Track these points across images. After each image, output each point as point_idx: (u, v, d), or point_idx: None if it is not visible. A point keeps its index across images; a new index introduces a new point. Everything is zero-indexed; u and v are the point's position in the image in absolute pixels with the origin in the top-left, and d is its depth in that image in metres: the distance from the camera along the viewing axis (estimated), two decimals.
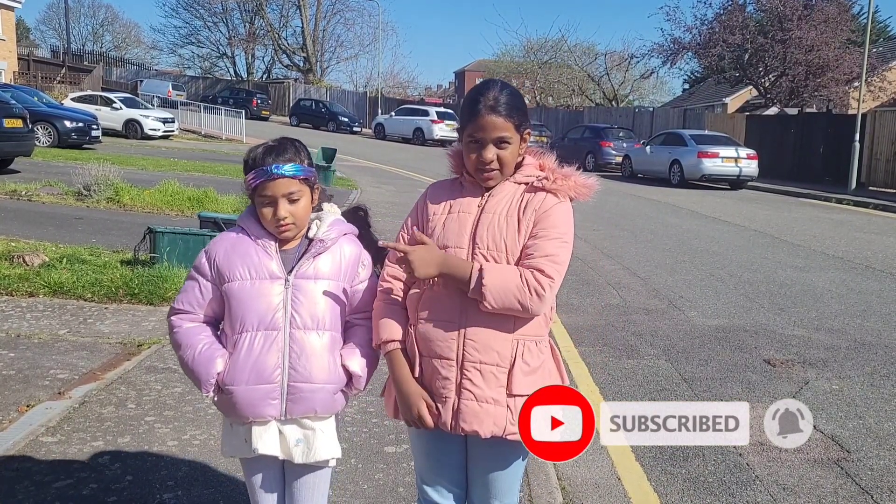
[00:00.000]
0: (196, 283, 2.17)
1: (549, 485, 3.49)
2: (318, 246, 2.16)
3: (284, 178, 2.08)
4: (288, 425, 2.16)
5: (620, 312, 6.93)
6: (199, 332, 2.16)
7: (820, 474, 3.81)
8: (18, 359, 4.70)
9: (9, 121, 13.58)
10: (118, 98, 27.24)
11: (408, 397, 2.07)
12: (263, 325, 2.10)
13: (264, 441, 2.14)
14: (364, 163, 23.28)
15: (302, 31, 53.83)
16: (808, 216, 15.43)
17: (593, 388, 4.94)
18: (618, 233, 11.86)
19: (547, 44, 49.50)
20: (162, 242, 6.81)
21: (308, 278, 2.14)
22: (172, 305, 2.21)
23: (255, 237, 2.15)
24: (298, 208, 2.12)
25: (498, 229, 2.04)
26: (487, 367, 2.02)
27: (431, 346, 2.05)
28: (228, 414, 2.18)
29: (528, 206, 2.06)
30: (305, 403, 2.13)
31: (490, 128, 2.01)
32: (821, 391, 5.03)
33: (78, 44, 58.94)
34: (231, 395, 2.11)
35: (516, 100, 2.06)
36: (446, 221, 2.09)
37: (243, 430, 2.17)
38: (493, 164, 2.04)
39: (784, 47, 27.02)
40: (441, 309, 2.04)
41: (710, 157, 20.55)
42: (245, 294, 2.11)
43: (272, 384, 2.10)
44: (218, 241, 2.19)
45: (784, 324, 6.74)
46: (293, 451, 2.16)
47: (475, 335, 2.02)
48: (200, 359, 2.12)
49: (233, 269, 2.12)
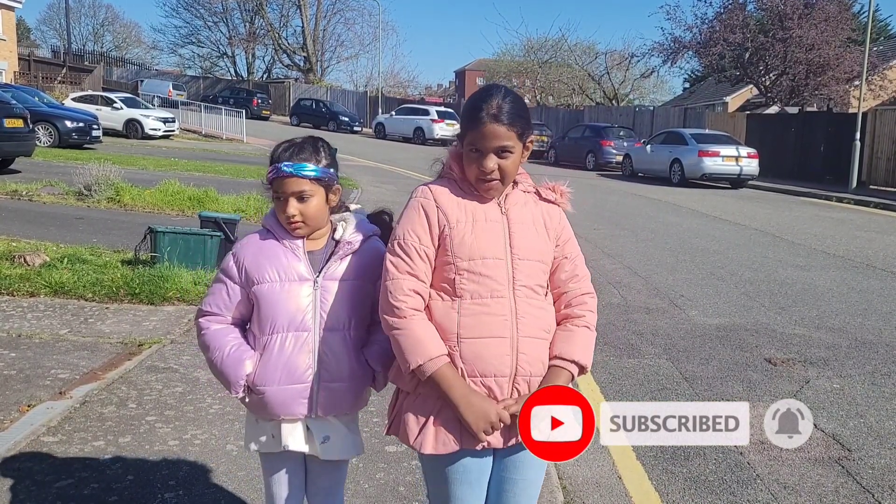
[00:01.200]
0: (224, 285, 2.19)
1: (549, 484, 3.49)
2: (346, 247, 2.19)
3: (294, 177, 2.10)
4: (315, 422, 2.19)
5: (621, 311, 6.93)
6: (227, 334, 2.19)
7: (821, 473, 3.81)
8: (20, 358, 4.70)
9: (9, 121, 13.59)
10: (119, 98, 27.25)
11: (481, 405, 1.94)
12: (294, 327, 2.13)
13: (294, 437, 2.18)
14: (365, 162, 23.28)
15: (302, 31, 53.87)
16: (808, 215, 15.42)
17: (594, 387, 4.94)
18: (618, 232, 11.86)
19: (547, 43, 49.53)
20: (162, 242, 6.82)
21: (336, 279, 2.16)
22: (200, 308, 2.24)
23: (281, 238, 2.17)
24: (308, 208, 2.12)
25: (532, 239, 2.05)
26: (535, 379, 2.01)
27: (485, 365, 1.96)
28: (258, 413, 2.20)
29: (552, 219, 2.11)
30: (334, 402, 2.17)
31: (492, 137, 1.95)
32: (822, 390, 5.03)
33: (78, 44, 59.09)
34: (263, 396, 2.14)
35: (519, 107, 2.00)
36: (475, 229, 2.00)
37: (270, 426, 2.20)
38: (493, 175, 1.98)
39: (785, 46, 27.04)
40: (494, 324, 1.97)
41: (710, 155, 20.54)
42: (275, 296, 2.13)
43: (304, 384, 2.14)
44: (245, 245, 2.21)
45: (785, 323, 6.73)
46: (319, 448, 2.21)
47: (527, 348, 2.00)
48: (229, 360, 2.15)
49: (262, 272, 2.14)
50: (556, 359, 2.03)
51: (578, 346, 2.05)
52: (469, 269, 1.98)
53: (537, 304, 2.04)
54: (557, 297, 2.11)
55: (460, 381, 1.95)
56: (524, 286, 2.01)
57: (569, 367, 2.03)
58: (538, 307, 2.04)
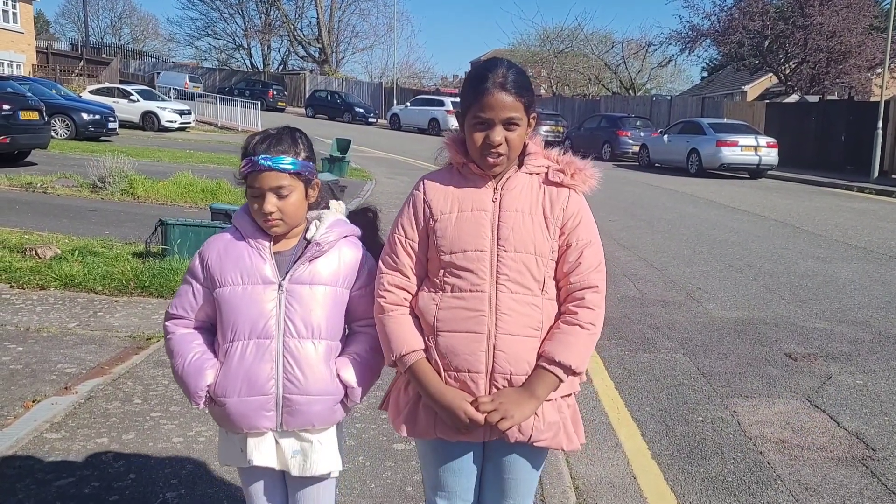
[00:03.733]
0: (190, 286, 2.06)
1: (562, 484, 3.39)
2: (315, 249, 2.02)
3: (273, 171, 1.95)
4: (285, 437, 2.06)
5: (637, 304, 6.80)
6: (191, 340, 2.06)
7: (844, 474, 3.68)
8: (27, 353, 4.66)
9: (25, 113, 13.63)
10: (135, 90, 27.37)
11: (450, 403, 1.89)
12: (256, 334, 1.98)
13: (260, 452, 2.04)
14: (379, 153, 23.20)
15: (317, 22, 53.81)
16: (829, 205, 15.15)
17: (608, 382, 4.82)
18: (634, 223, 11.69)
19: (563, 32, 49.08)
20: (173, 235, 6.77)
21: (303, 283, 2.00)
22: (167, 310, 2.11)
23: (248, 237, 2.02)
24: (287, 204, 1.97)
25: (524, 229, 1.90)
26: (518, 378, 1.91)
27: (458, 360, 1.90)
28: (223, 425, 2.08)
29: (554, 204, 1.94)
30: (302, 416, 2.02)
31: (499, 107, 1.84)
32: (844, 386, 4.88)
33: (96, 36, 59.34)
34: (224, 407, 2.00)
35: (525, 79, 1.91)
36: (458, 221, 1.91)
37: (238, 439, 2.07)
38: (501, 148, 1.86)
39: (805, 33, 26.59)
40: (467, 319, 1.89)
41: (728, 145, 20.23)
42: (237, 300, 1.99)
43: (266, 395, 1.99)
44: (211, 243, 2.07)
45: (805, 316, 6.57)
46: (290, 463, 2.05)
47: (505, 346, 1.89)
48: (190, 369, 2.02)
49: (224, 274, 2.00)
50: (540, 359, 1.91)
51: (565, 346, 1.89)
52: (451, 263, 1.91)
53: (526, 299, 1.91)
54: (561, 290, 1.97)
55: (433, 376, 1.92)
56: (510, 280, 1.89)
57: (552, 370, 1.89)
58: (527, 303, 1.91)
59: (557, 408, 1.98)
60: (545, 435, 1.95)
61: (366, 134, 30.51)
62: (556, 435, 1.98)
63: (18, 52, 32.84)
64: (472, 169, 1.95)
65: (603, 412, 4.36)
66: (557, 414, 1.97)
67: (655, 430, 4.16)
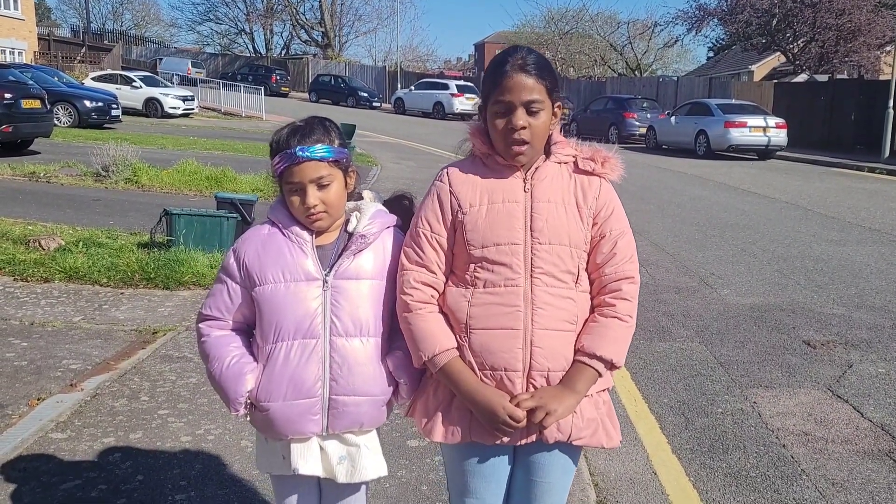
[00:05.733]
0: (224, 286, 1.95)
1: (581, 480, 3.29)
2: (360, 241, 1.92)
3: (312, 160, 1.85)
4: (330, 441, 1.95)
5: (650, 291, 6.68)
6: (228, 343, 1.96)
7: (871, 468, 3.57)
8: (31, 348, 4.57)
9: (27, 101, 13.51)
10: (138, 77, 27.20)
11: (489, 401, 1.79)
12: (301, 334, 1.88)
13: (305, 459, 1.93)
14: (384, 138, 23.02)
15: (320, 6, 53.32)
16: (840, 186, 14.97)
17: (624, 373, 4.72)
18: (643, 206, 11.53)
19: (568, 13, 48.55)
20: (178, 224, 6.66)
21: (349, 278, 1.90)
22: (200, 311, 2.00)
23: (287, 232, 1.92)
24: (330, 194, 1.88)
25: (558, 220, 1.83)
26: (555, 375, 1.82)
27: (493, 359, 1.81)
28: (265, 432, 1.97)
29: (587, 193, 1.88)
30: (349, 417, 1.93)
31: (520, 88, 1.76)
32: (866, 375, 4.77)
33: (98, 23, 59.05)
34: (267, 413, 1.90)
35: (546, 63, 1.84)
36: (489, 213, 1.82)
37: (280, 446, 1.96)
38: (523, 133, 1.77)
39: (814, 11, 26.23)
40: (502, 315, 1.81)
41: (737, 126, 20.00)
42: (279, 299, 1.88)
43: (313, 398, 1.90)
44: (247, 239, 1.96)
45: (822, 302, 6.45)
46: (336, 470, 1.95)
47: (543, 341, 1.81)
48: (229, 374, 1.91)
49: (264, 271, 1.90)
50: (579, 353, 1.84)
51: (605, 339, 1.83)
52: (483, 257, 1.82)
53: (562, 292, 1.83)
54: (594, 282, 1.90)
55: (469, 375, 1.83)
56: (545, 273, 1.82)
57: (592, 364, 1.82)
58: (562, 296, 1.83)
59: (595, 404, 1.90)
60: (584, 433, 1.87)
61: (370, 118, 30.30)
62: (595, 432, 1.90)
63: (20, 40, 32.61)
64: (498, 160, 1.86)
65: (620, 404, 4.25)
66: (595, 410, 1.90)
67: (675, 422, 4.05)
